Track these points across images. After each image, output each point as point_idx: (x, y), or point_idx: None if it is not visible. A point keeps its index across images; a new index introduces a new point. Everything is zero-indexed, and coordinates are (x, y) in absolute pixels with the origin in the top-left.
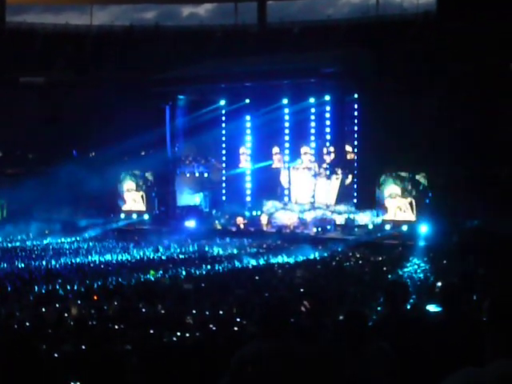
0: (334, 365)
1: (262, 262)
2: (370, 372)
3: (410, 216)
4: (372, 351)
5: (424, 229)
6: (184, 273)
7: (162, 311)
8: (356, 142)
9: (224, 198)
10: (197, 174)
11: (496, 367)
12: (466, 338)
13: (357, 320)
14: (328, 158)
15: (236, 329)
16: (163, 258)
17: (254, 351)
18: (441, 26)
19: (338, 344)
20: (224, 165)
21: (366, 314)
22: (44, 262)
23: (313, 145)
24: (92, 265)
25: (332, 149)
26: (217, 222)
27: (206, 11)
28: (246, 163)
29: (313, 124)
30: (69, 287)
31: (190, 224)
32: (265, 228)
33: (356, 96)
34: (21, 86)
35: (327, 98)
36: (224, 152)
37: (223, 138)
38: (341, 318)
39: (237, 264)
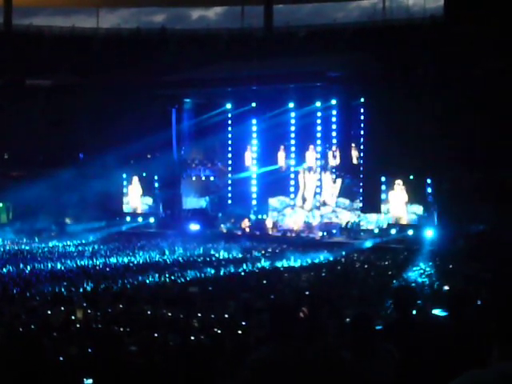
0: (341, 367)
1: (267, 265)
2: (376, 374)
3: (416, 220)
4: (378, 354)
5: (430, 233)
6: (189, 276)
7: (168, 314)
8: (362, 146)
9: (230, 201)
10: (203, 178)
11: (498, 368)
12: (472, 343)
13: (364, 323)
14: (334, 162)
15: (241, 332)
16: (168, 261)
17: (269, 354)
18: (448, 30)
19: (345, 347)
20: (230, 168)
21: (373, 316)
22: (49, 265)
23: (319, 149)
24: (97, 267)
25: (338, 153)
26: (222, 225)
27: (215, 15)
28: (251, 167)
29: (319, 128)
30: (74, 290)
31: (196, 227)
32: (270, 232)
33: (362, 100)
34: (27, 89)
35: (333, 102)
36: (230, 155)
37: (229, 142)
38: (347, 320)
39: (242, 267)
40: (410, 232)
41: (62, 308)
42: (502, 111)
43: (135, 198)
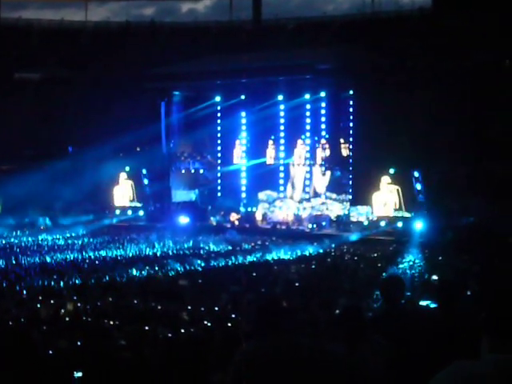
0: (333, 360)
1: (257, 258)
2: (368, 366)
3: (405, 213)
4: (369, 346)
5: (419, 225)
6: (179, 269)
7: (158, 307)
8: (351, 139)
9: (219, 194)
10: (192, 171)
11: (488, 360)
12: (461, 334)
13: (354, 314)
14: (323, 154)
15: (231, 325)
16: (158, 254)
17: (260, 347)
18: (437, 22)
19: (336, 339)
20: (219, 161)
21: (363, 308)
22: (39, 258)
23: (308, 141)
24: (87, 261)
25: (327, 145)
26: (212, 218)
27: (204, 7)
28: (241, 159)
29: (308, 120)
30: (63, 283)
31: (185, 220)
32: (260, 224)
33: (351, 92)
34: (16, 82)
35: (323, 94)
36: (219, 148)
37: (218, 135)
38: (337, 312)
39: (232, 260)
40: (400, 224)
41: (52, 301)
42: (492, 103)
43: (124, 192)
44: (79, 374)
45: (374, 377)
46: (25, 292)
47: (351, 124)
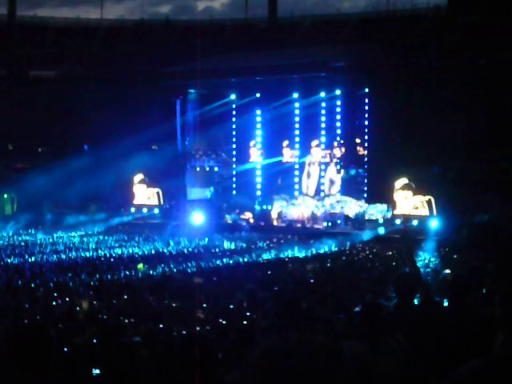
0: (352, 356)
1: (272, 256)
2: (386, 363)
3: (421, 211)
4: (388, 343)
5: (434, 223)
6: (194, 267)
7: (173, 305)
8: (366, 137)
9: (234, 192)
10: (207, 169)
11: (505, 358)
12: (475, 330)
13: (374, 312)
14: (339, 153)
15: (246, 323)
16: (173, 252)
17: (277, 343)
18: (452, 21)
19: (355, 336)
20: (234, 159)
21: (383, 306)
22: (55, 256)
23: (323, 139)
24: (102, 258)
25: (342, 143)
26: (227, 216)
27: (221, 5)
28: (256, 157)
29: (323, 118)
30: (79, 281)
31: (200, 218)
32: (275, 223)
33: (367, 90)
34: (32, 80)
35: (338, 92)
36: (234, 146)
37: (233, 133)
38: (356, 309)
39: (247, 258)
40: (415, 222)
41: (67, 299)
42: (506, 101)
43: (140, 189)
44: (97, 371)
45: (392, 374)
46: (41, 289)
47: (366, 122)
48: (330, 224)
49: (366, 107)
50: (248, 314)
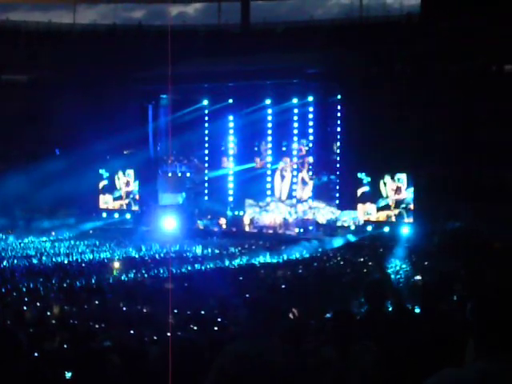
0: (320, 365)
1: (243, 262)
2: (357, 371)
3: (390, 216)
4: (358, 350)
5: (405, 230)
6: (165, 272)
7: (144, 310)
8: (339, 143)
9: (206, 198)
10: (179, 174)
11: (476, 367)
12: (446, 338)
13: (344, 319)
14: (311, 159)
15: (217, 329)
16: (145, 257)
17: (238, 351)
18: (424, 28)
19: (324, 344)
20: (206, 165)
21: (353, 313)
22: (25, 261)
23: (295, 145)
24: (73, 264)
25: (315, 149)
26: (199, 221)
27: (194, 11)
28: (228, 163)
29: (296, 125)
30: (50, 286)
31: (172, 224)
32: (247, 228)
33: (339, 97)
34: (3, 84)
35: (310, 98)
36: (207, 152)
37: (206, 138)
38: (327, 316)
39: (218, 264)
40: (386, 229)
41: (38, 304)
42: (480, 108)
43: (111, 194)
44: (69, 375)
45: (362, 381)
46: (13, 294)
47: (338, 129)
48: (301, 230)
49: (339, 114)
50: (219, 320)
